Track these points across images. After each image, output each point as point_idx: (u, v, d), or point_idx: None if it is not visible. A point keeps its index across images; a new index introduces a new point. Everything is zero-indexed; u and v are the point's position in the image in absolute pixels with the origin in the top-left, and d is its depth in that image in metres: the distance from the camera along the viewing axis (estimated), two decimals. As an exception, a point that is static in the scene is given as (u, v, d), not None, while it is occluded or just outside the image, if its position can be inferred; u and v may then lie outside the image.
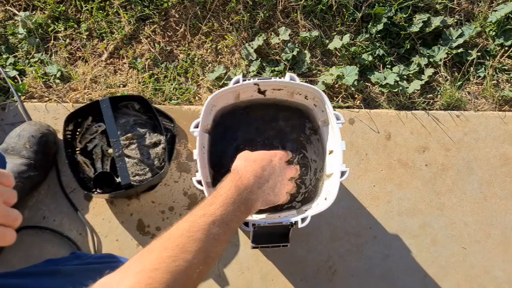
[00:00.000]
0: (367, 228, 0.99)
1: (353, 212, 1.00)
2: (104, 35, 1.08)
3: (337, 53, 1.11)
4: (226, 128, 0.84)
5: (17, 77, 1.02)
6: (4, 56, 1.04)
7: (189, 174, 0.99)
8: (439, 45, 1.10)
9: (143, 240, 0.94)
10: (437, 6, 1.14)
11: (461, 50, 1.10)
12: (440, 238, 1.01)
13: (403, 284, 0.97)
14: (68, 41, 1.07)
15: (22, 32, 1.05)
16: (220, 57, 1.10)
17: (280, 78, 0.80)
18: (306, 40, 1.10)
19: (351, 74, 1.05)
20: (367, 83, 1.10)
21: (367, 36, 1.10)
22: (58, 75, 1.03)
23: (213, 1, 1.10)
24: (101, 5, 1.09)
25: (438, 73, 1.11)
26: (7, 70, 1.02)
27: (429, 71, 1.09)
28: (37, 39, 1.06)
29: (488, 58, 1.13)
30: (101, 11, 1.08)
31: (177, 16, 1.10)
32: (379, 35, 1.11)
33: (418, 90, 1.09)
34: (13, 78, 1.02)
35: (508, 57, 1.13)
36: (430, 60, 1.10)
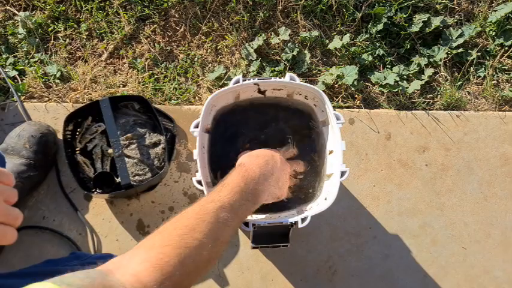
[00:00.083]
0: (367, 228, 0.99)
1: (353, 212, 1.00)
2: (104, 35, 1.08)
3: (337, 53, 1.11)
4: (226, 128, 0.84)
5: (17, 77, 1.02)
6: (4, 56, 1.04)
7: (189, 174, 0.99)
8: (439, 45, 1.10)
9: (143, 240, 0.94)
10: (437, 6, 1.14)
11: (461, 50, 1.10)
12: (440, 238, 1.01)
13: (403, 284, 0.97)
14: (67, 41, 1.07)
15: (22, 32, 1.05)
16: (220, 57, 1.10)
17: (280, 78, 0.80)
18: (306, 40, 1.10)
19: (350, 74, 1.05)
20: (367, 83, 1.10)
21: (367, 36, 1.10)
22: (58, 75, 1.03)
23: (213, 1, 1.10)
24: (101, 5, 1.09)
25: (438, 73, 1.11)
26: (7, 70, 1.02)
27: (429, 71, 1.09)
28: (37, 39, 1.06)
29: (488, 58, 1.13)
30: (100, 11, 1.08)
31: (177, 16, 1.10)
32: (379, 35, 1.11)
33: (418, 90, 1.08)
34: (13, 78, 1.02)
35: (508, 57, 1.13)
36: (430, 60, 1.10)
